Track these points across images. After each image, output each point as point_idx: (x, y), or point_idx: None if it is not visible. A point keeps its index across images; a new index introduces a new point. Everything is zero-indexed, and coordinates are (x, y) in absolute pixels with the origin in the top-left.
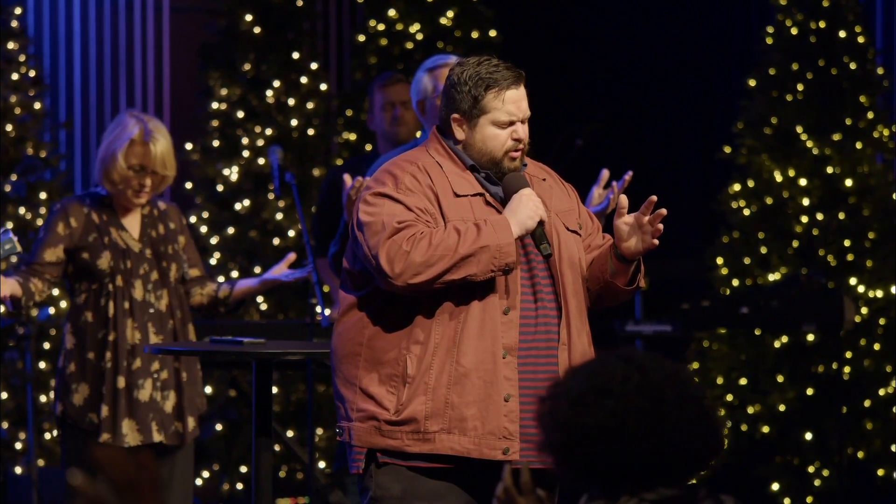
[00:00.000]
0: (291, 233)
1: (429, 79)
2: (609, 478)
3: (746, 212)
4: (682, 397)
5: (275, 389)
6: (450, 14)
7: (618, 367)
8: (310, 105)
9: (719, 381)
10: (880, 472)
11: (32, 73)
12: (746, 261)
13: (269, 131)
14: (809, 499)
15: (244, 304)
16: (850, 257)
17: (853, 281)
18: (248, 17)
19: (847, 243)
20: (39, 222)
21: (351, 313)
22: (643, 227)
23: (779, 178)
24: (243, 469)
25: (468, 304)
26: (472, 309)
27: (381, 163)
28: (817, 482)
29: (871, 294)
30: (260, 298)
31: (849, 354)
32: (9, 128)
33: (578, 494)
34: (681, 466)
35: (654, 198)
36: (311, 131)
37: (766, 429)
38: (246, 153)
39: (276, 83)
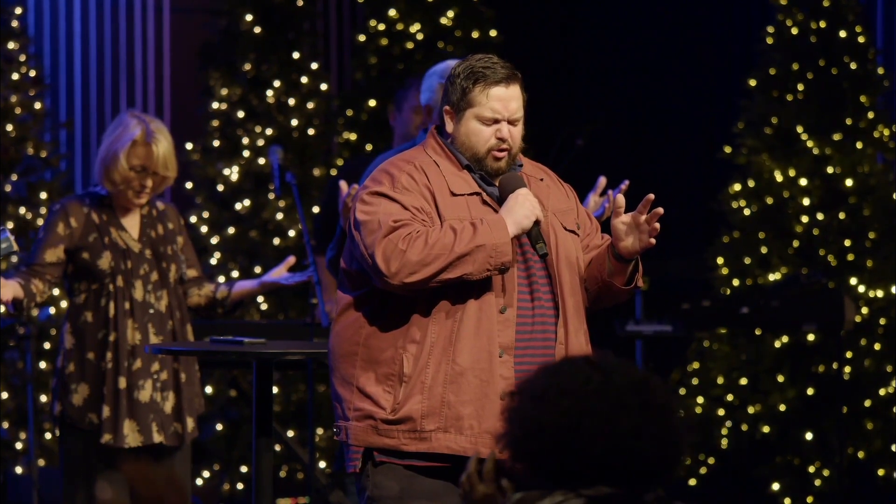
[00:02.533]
0: (292, 233)
1: (442, 89)
2: (557, 474)
3: (747, 212)
4: (643, 405)
5: (275, 389)
6: (450, 14)
7: (582, 369)
8: (310, 105)
9: (720, 380)
10: (881, 472)
11: (33, 73)
12: (747, 261)
13: (269, 131)
14: (810, 499)
15: (242, 306)
16: (850, 257)
17: (853, 281)
18: (249, 17)
19: (847, 243)
20: (40, 222)
21: (348, 313)
22: (640, 227)
23: (779, 177)
24: (244, 469)
25: (464, 303)
26: (469, 308)
27: (378, 162)
28: (818, 482)
29: (871, 294)
30: (260, 298)
31: (849, 354)
32: (9, 127)
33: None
34: (632, 472)
35: (651, 196)
36: (311, 131)
37: (766, 429)
38: (246, 153)
39: (277, 83)
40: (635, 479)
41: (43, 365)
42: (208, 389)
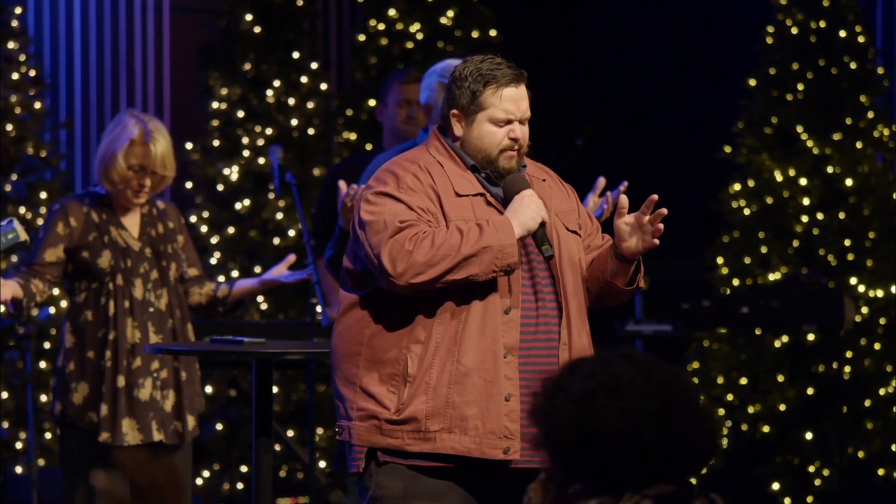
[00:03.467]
0: (292, 232)
1: (442, 91)
2: (612, 477)
3: (747, 211)
4: (683, 399)
5: (275, 389)
6: (450, 14)
7: (623, 368)
8: (310, 105)
9: (719, 380)
10: (881, 472)
11: (33, 73)
12: (747, 260)
13: (269, 131)
14: (810, 499)
15: (243, 305)
16: (850, 257)
17: (853, 280)
18: (249, 17)
19: (847, 243)
20: (40, 222)
21: (351, 312)
22: (643, 227)
23: (779, 177)
24: (244, 469)
25: (469, 304)
26: (474, 308)
27: (378, 163)
28: (818, 482)
29: (871, 294)
30: (260, 298)
31: (849, 354)
32: (9, 127)
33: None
34: (680, 466)
35: (655, 197)
36: (311, 131)
37: (766, 428)
38: (246, 153)
39: (277, 83)
40: (682, 473)
41: (43, 365)
42: (208, 389)
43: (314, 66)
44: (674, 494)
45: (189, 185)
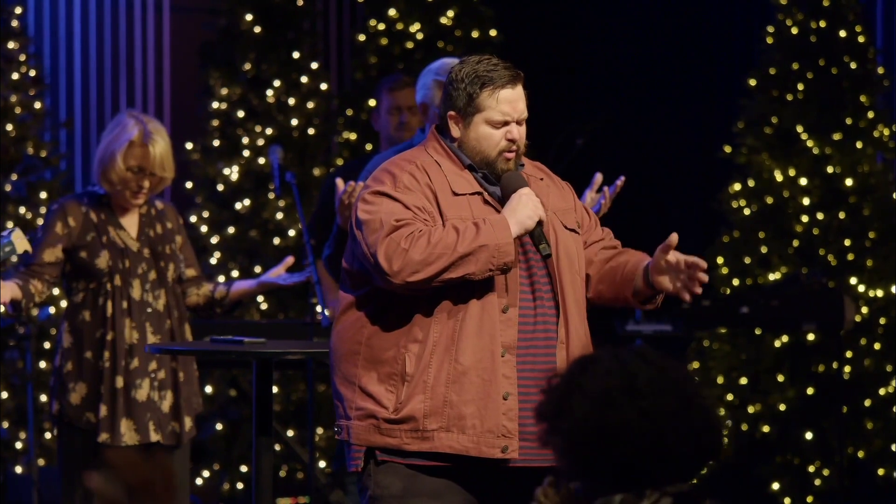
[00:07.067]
0: (292, 232)
1: (438, 89)
2: (631, 475)
3: (747, 211)
4: (696, 396)
5: (275, 389)
6: (450, 13)
7: (638, 366)
8: (310, 104)
9: (720, 380)
10: (881, 472)
11: (33, 73)
12: (747, 260)
13: (269, 131)
14: (810, 498)
15: (241, 306)
16: (850, 257)
17: (853, 280)
18: (249, 17)
19: (847, 243)
20: (40, 222)
21: (350, 312)
22: (679, 272)
23: (779, 177)
24: (244, 468)
25: (467, 303)
26: (471, 307)
27: (377, 162)
28: (818, 482)
29: (871, 293)
30: (260, 298)
31: (849, 354)
32: (9, 127)
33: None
34: (694, 463)
35: (675, 238)
36: (311, 131)
37: (766, 428)
38: (246, 153)
39: (277, 83)
40: (692, 470)
41: (43, 364)
42: (208, 389)
43: (314, 65)
44: (690, 493)
45: (189, 184)
